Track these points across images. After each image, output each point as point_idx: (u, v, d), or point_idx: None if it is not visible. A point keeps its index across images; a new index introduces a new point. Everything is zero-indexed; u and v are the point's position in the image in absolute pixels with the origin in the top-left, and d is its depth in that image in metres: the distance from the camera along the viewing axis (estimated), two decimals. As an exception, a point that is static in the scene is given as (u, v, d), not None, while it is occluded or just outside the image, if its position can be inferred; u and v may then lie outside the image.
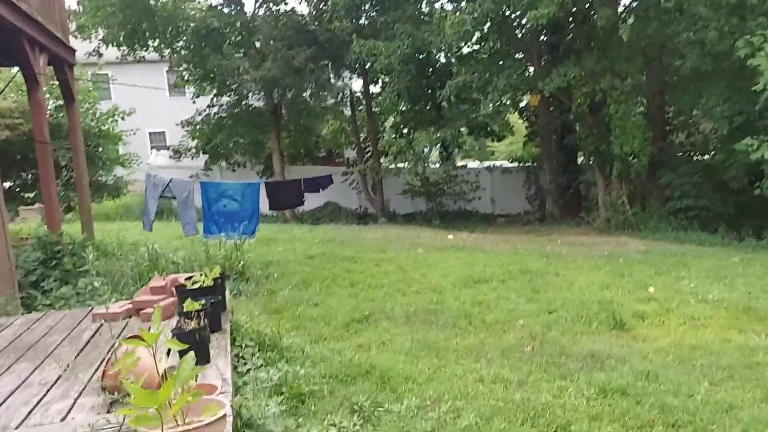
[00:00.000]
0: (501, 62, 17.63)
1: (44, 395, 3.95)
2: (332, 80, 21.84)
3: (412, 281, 10.03)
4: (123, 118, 26.27)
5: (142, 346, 4.13)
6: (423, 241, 14.64)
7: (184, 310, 4.84)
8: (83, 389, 3.98)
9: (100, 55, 23.56)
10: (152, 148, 34.43)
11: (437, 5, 16.16)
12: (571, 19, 17.41)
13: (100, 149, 25.76)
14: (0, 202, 7.59)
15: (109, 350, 4.65)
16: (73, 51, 12.72)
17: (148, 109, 32.21)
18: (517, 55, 19.24)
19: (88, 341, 5.21)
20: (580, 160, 23.04)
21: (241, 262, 10.24)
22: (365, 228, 18.86)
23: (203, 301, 5.00)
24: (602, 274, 10.21)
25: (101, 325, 5.70)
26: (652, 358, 6.32)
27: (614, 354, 6.40)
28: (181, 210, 11.42)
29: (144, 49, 23.89)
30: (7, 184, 25.62)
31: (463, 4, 15.97)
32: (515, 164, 26.62)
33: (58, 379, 4.27)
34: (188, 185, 11.53)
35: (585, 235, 16.27)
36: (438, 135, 18.74)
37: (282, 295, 9.26)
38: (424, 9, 18.73)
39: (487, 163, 27.74)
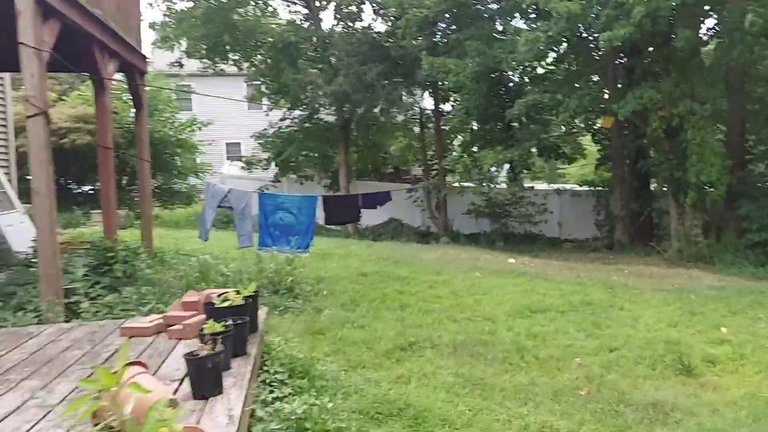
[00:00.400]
0: (575, 83, 16.79)
1: (36, 423, 3.57)
2: (403, 97, 21.38)
3: (464, 307, 9.41)
4: (200, 129, 26.68)
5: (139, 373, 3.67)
6: (482, 264, 13.97)
7: (204, 332, 4.44)
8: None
9: (182, 66, 23.90)
10: (228, 158, 34.92)
11: (512, 23, 15.40)
12: (649, 41, 16.45)
13: (177, 158, 26.21)
14: (49, 203, 7.40)
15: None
16: (144, 58, 12.71)
17: (227, 121, 32.78)
18: (592, 77, 18.32)
19: (107, 360, 4.85)
20: (653, 186, 21.83)
21: (291, 278, 9.84)
22: (425, 247, 18.29)
23: (228, 322, 4.58)
24: (671, 310, 9.33)
25: (128, 339, 5.36)
26: (723, 413, 5.53)
27: (680, 405, 5.64)
28: (237, 221, 11.15)
29: (224, 61, 24.12)
30: (87, 188, 26.33)
31: (538, 23, 15.23)
32: (585, 188, 25.53)
33: (60, 402, 3.90)
34: (246, 196, 11.26)
35: (654, 265, 15.23)
36: (505, 154, 18.02)
37: (328, 314, 8.81)
38: (498, 27, 18.04)
39: (555, 186, 26.72)
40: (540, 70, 24.39)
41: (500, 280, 11.66)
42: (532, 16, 17.38)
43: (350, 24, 23.53)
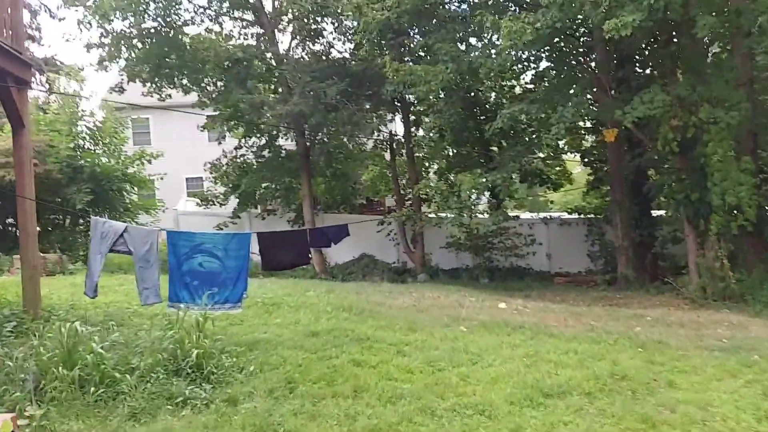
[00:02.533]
0: (566, 90, 13.92)
1: None
2: (368, 120, 18.46)
3: (447, 388, 6.37)
4: (150, 162, 23.56)
5: None
6: (467, 312, 10.94)
7: None
8: None
9: (122, 91, 20.88)
10: (189, 194, 31.72)
11: (490, 18, 12.54)
12: (653, 36, 13.75)
13: (125, 194, 23.05)
14: None
15: None
16: (28, 66, 9.70)
17: (187, 155, 29.59)
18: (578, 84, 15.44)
19: None
20: (655, 212, 19.07)
21: (199, 350, 6.75)
22: (399, 288, 15.22)
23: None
24: (742, 386, 6.34)
25: None
26: None
27: None
28: (138, 269, 8.05)
29: (171, 86, 21.09)
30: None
31: (523, 14, 12.39)
32: (574, 216, 22.74)
33: None
34: (150, 236, 8.17)
35: (674, 306, 12.35)
36: (485, 179, 15.12)
37: (246, 410, 5.75)
38: (473, 26, 15.08)
39: (542, 215, 23.88)
40: (517, 90, 21.83)
41: (493, 339, 8.62)
42: (513, 10, 14.59)
43: (309, 44, 20.77)
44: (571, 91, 13.65)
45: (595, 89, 15.01)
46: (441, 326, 9.51)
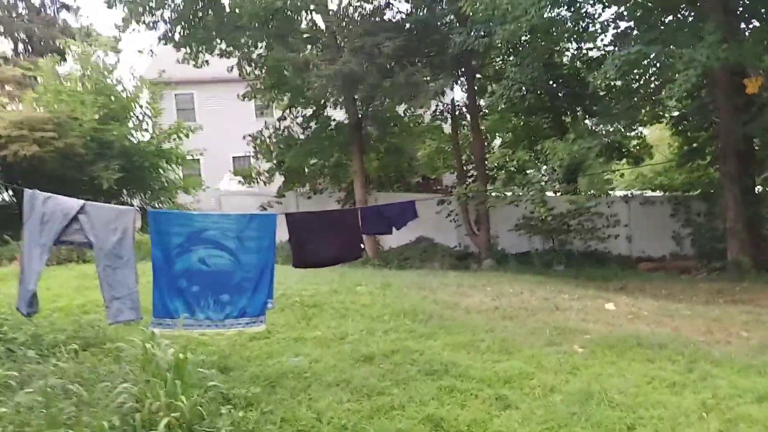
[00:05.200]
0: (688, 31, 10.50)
1: None
2: (428, 81, 15.30)
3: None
4: (187, 136, 20.98)
5: None
6: (568, 318, 7.84)
7: None
8: None
9: (152, 54, 18.29)
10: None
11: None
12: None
13: (160, 171, 20.56)
14: None
15: None
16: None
17: (234, 132, 27.02)
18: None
19: None
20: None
21: (166, 417, 3.91)
22: (468, 278, 12.18)
23: None
24: None
25: None
26: None
27: None
28: (102, 270, 5.18)
29: (208, 51, 18.29)
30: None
31: None
32: (657, 193, 19.23)
33: None
34: (122, 219, 5.30)
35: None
36: (578, 146, 11.86)
37: None
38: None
39: (620, 192, 20.43)
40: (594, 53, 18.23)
41: (632, 370, 5.52)
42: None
43: (362, 3, 17.61)
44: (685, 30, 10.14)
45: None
46: (545, 344, 6.45)
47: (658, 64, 11.47)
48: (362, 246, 6.38)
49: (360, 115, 18.15)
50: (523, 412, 4.54)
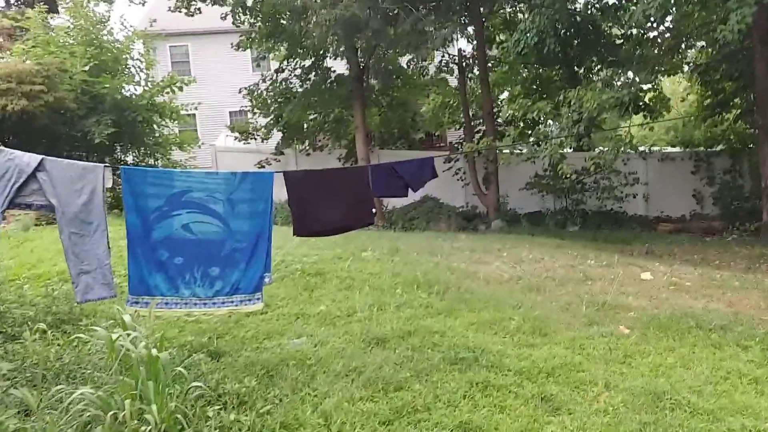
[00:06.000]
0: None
1: None
2: (436, 28, 14.10)
3: None
4: (181, 89, 19.78)
5: None
6: (604, 288, 6.97)
7: None
8: None
9: (143, 2, 17.05)
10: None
11: None
12: None
13: (154, 126, 19.45)
14: None
15: None
16: None
17: (231, 86, 25.77)
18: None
19: None
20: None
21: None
22: (480, 241, 11.29)
23: None
24: None
25: None
26: None
27: None
28: (68, 239, 4.28)
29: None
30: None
31: None
32: (677, 149, 18.23)
33: None
34: (88, 177, 4.36)
35: None
36: (607, 95, 10.83)
37: None
38: None
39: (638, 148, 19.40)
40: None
41: (699, 359, 4.64)
42: None
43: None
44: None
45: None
46: (585, 323, 5.57)
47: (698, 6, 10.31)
48: (374, 210, 5.43)
49: (362, 67, 17.01)
50: (579, 418, 3.66)
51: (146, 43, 19.40)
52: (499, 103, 19.73)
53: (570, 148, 16.99)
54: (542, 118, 12.22)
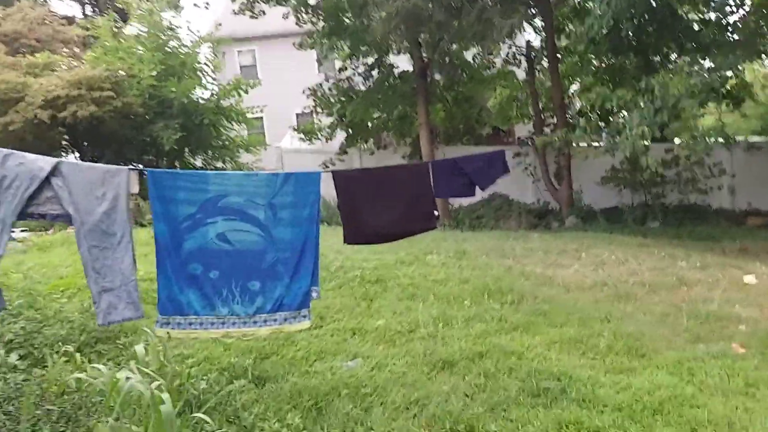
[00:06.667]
0: None
1: None
2: (502, 17, 13.11)
3: None
4: (246, 92, 19.55)
5: None
6: (704, 294, 5.95)
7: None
8: None
9: (207, 6, 16.92)
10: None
11: None
12: None
13: (221, 129, 19.30)
14: None
15: None
16: None
17: (297, 87, 25.59)
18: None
19: None
20: None
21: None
22: (553, 241, 10.31)
23: None
24: None
25: None
26: None
27: None
28: (87, 253, 3.70)
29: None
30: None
31: None
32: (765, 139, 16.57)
33: None
34: (110, 182, 3.77)
35: None
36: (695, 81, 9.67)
37: None
38: None
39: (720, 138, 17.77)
40: None
41: None
42: None
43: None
44: None
45: None
46: (689, 340, 4.64)
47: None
48: (436, 213, 4.64)
49: (425, 62, 16.20)
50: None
51: (213, 47, 19.24)
52: (570, 95, 18.51)
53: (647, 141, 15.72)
54: (621, 108, 11.03)
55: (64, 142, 17.71)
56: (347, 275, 7.02)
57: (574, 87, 19.78)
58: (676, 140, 15.97)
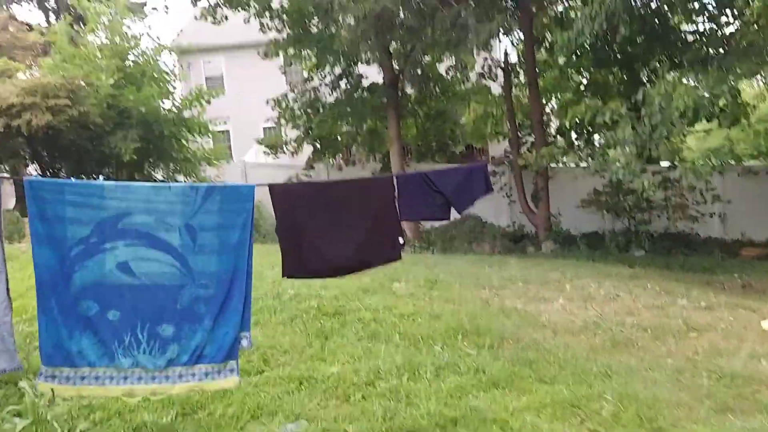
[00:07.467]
0: None
1: None
2: (479, 21, 12.43)
3: None
4: (209, 102, 18.57)
5: None
6: (719, 345, 5.18)
7: None
8: None
9: (167, 11, 15.92)
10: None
11: None
12: None
13: (183, 141, 18.27)
14: None
15: None
16: None
17: (264, 100, 24.76)
18: None
19: None
20: None
21: None
22: (530, 267, 9.52)
23: None
24: None
25: None
26: None
27: None
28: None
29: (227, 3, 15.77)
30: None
31: None
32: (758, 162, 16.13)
33: None
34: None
35: None
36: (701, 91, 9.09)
37: None
38: None
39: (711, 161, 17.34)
40: None
41: None
42: None
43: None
44: None
45: None
46: (712, 409, 3.82)
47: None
48: (401, 240, 3.80)
49: (396, 73, 15.50)
50: None
51: (176, 55, 18.31)
52: (548, 112, 17.95)
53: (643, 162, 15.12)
54: (613, 123, 10.34)
55: (22, 152, 16.65)
56: (301, 306, 6.16)
57: (553, 103, 19.26)
58: (663, 163, 15.44)
